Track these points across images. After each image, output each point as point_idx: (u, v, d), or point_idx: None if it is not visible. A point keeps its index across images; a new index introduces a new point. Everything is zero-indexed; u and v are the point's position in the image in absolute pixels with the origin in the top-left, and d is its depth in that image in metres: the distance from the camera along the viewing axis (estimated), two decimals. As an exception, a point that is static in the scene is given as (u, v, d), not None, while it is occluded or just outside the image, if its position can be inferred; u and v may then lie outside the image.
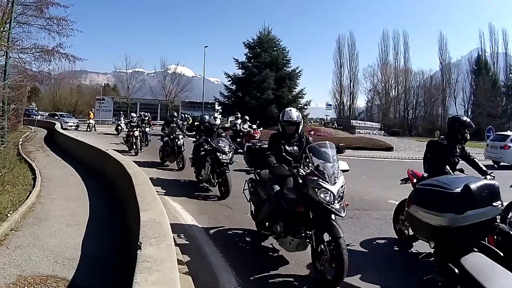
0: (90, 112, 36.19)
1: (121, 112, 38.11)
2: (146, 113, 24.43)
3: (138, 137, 16.35)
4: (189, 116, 35.72)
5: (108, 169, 9.46)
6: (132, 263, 3.06)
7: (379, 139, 28.07)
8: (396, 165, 15.82)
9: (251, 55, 38.88)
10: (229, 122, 36.19)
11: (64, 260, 4.52)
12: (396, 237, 5.84)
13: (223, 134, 9.82)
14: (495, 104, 63.20)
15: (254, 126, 20.22)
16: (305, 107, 39.10)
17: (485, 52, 70.25)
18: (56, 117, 35.02)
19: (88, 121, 32.94)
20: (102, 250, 5.00)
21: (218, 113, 42.19)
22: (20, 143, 16.33)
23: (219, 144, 8.94)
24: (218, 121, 10.35)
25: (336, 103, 75.30)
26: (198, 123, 13.01)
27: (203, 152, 9.44)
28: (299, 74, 39.21)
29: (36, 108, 50.14)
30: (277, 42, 39.87)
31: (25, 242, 5.06)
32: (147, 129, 19.43)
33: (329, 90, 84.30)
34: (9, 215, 5.96)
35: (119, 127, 28.24)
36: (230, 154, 8.93)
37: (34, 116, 36.85)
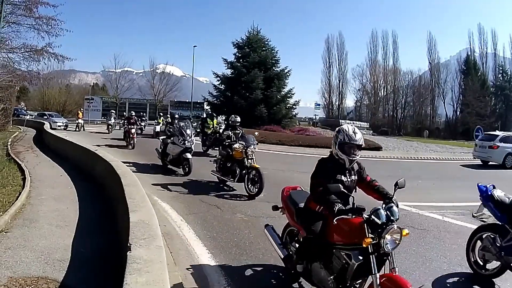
0: (79, 111, 35.91)
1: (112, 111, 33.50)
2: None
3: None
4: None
5: (97, 170, 9.45)
6: (122, 264, 3.10)
7: (368, 139, 28.26)
8: (385, 165, 15.81)
9: (240, 55, 38.91)
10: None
11: (54, 261, 4.55)
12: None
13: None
14: (484, 104, 64.03)
15: None
16: (293, 106, 39.37)
17: (474, 52, 71.36)
18: (45, 117, 34.52)
19: (77, 121, 32.58)
20: (92, 251, 5.02)
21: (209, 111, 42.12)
22: (9, 143, 16.19)
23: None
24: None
25: (325, 103, 75.96)
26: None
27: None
28: (288, 74, 39.34)
29: (25, 108, 50.08)
30: (266, 42, 39.98)
31: (15, 243, 5.07)
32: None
33: (318, 89, 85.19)
34: (-2, 216, 5.94)
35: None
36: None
37: (23, 116, 36.67)
